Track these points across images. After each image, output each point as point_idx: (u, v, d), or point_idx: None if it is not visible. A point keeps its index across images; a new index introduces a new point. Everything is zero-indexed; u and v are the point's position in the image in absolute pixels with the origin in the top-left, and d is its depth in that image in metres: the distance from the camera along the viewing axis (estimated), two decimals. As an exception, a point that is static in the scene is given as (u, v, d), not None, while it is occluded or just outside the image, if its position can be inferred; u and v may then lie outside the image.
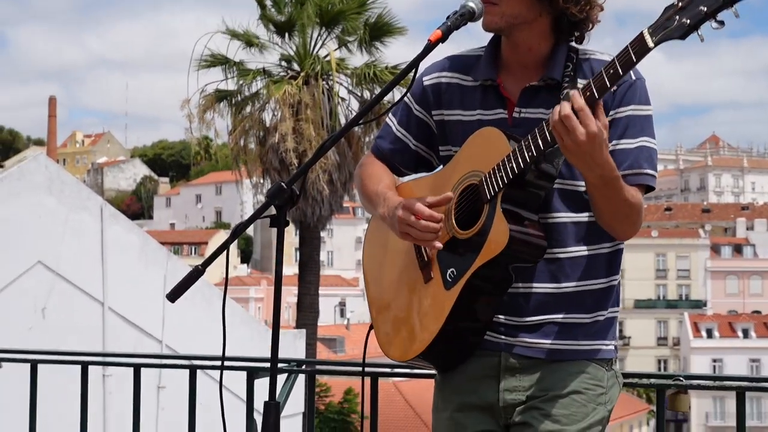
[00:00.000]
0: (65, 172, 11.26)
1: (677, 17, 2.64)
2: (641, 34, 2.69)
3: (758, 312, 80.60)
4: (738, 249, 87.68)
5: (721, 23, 2.62)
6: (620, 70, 2.72)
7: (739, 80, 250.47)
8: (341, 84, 21.30)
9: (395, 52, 22.08)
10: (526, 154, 2.86)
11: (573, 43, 3.10)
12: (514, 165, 2.88)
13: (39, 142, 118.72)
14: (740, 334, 75.07)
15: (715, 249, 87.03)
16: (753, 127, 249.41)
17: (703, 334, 75.05)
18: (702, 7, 2.61)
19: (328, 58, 21.01)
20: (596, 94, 2.75)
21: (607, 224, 2.99)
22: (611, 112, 2.97)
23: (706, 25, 2.63)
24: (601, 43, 2.71)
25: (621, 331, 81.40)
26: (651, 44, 2.67)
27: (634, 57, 2.70)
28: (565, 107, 2.74)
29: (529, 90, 3.04)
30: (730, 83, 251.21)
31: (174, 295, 2.87)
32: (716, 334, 74.89)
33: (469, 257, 2.95)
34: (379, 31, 21.02)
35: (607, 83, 2.74)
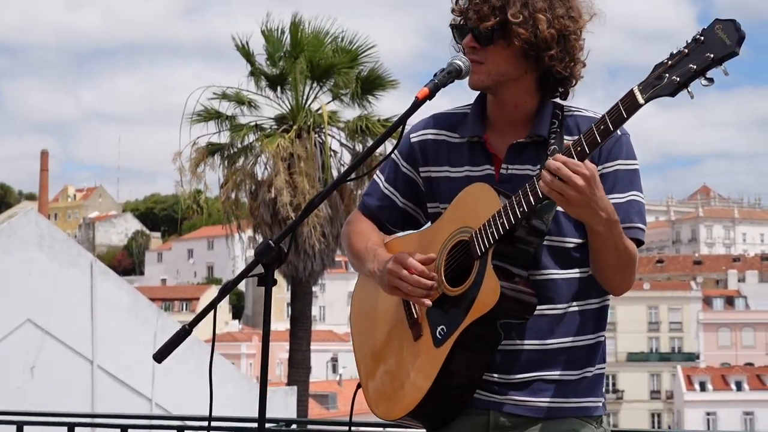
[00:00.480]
0: (56, 228, 11.24)
1: (667, 75, 2.67)
2: (631, 92, 2.71)
3: (751, 364, 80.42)
4: (730, 301, 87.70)
5: (711, 80, 2.65)
6: (611, 126, 2.74)
7: (729, 131, 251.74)
8: (333, 137, 21.35)
9: (388, 106, 22.23)
10: (517, 210, 2.86)
11: (557, 100, 3.12)
12: (505, 221, 2.88)
13: (31, 197, 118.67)
14: (733, 386, 74.87)
15: (707, 301, 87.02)
16: (743, 178, 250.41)
17: (697, 387, 74.83)
18: (691, 65, 2.64)
19: (320, 111, 21.08)
20: (587, 149, 2.78)
21: (607, 276, 3.00)
22: (599, 168, 2.98)
23: (696, 82, 2.66)
24: (593, 96, 2.75)
25: (614, 384, 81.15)
26: (641, 101, 2.70)
27: (624, 113, 2.72)
28: (553, 163, 2.77)
29: (516, 146, 3.05)
30: (721, 134, 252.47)
31: (161, 356, 2.86)
32: (709, 386, 74.68)
33: (459, 314, 2.94)
34: (371, 84, 21.10)
35: (598, 139, 2.76)
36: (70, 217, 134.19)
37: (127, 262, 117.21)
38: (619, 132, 3.00)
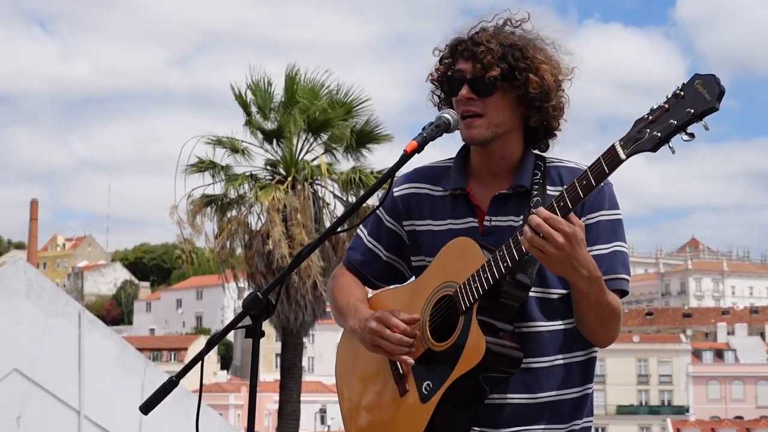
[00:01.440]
0: (44, 278, 11.19)
1: (648, 130, 2.67)
2: (613, 147, 2.71)
3: (740, 417, 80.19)
4: (719, 354, 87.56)
5: (692, 135, 2.64)
6: (593, 181, 2.74)
7: (719, 184, 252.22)
8: (326, 188, 21.41)
9: (381, 157, 22.13)
10: (501, 265, 2.86)
11: (538, 151, 3.14)
12: (489, 276, 2.88)
13: (20, 246, 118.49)
14: (724, 440, 74.57)
15: (697, 354, 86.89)
16: (732, 231, 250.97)
17: (687, 440, 74.53)
18: (672, 121, 2.63)
19: (316, 163, 21.12)
20: (570, 204, 2.77)
21: (590, 331, 2.99)
22: (582, 219, 2.98)
23: (677, 137, 2.65)
24: (583, 148, 2.74)
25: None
26: (623, 156, 2.69)
27: (606, 169, 2.72)
28: (534, 218, 2.76)
29: (499, 198, 3.06)
30: (710, 187, 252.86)
31: (147, 407, 2.85)
32: (699, 440, 74.38)
33: (445, 370, 2.93)
34: (366, 138, 21.16)
35: (581, 194, 2.76)
36: (59, 266, 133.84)
37: (115, 312, 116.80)
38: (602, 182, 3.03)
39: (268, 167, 21.57)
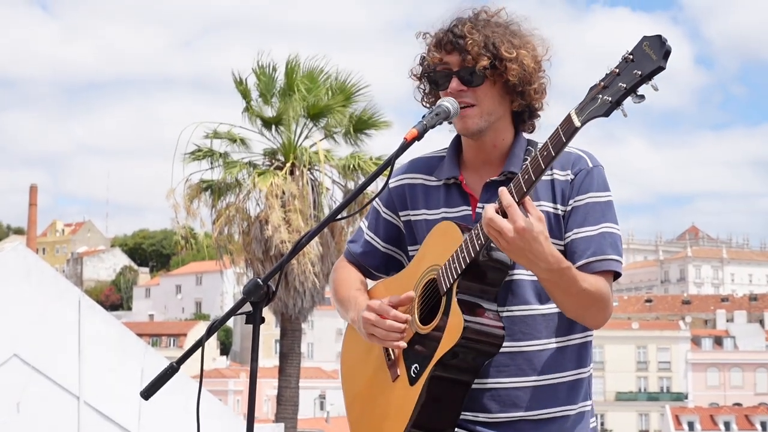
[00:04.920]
0: (43, 263, 11.21)
1: (600, 96, 2.69)
2: (568, 116, 2.74)
3: (739, 404, 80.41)
4: (718, 341, 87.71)
5: (642, 97, 2.67)
6: (552, 152, 2.74)
7: (722, 171, 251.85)
8: (325, 174, 21.42)
9: (381, 143, 22.13)
10: (476, 243, 2.88)
11: (529, 136, 3.17)
12: (466, 255, 2.90)
13: (19, 231, 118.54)
14: (722, 426, 74.75)
15: (696, 341, 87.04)
16: (734, 218, 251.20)
17: (685, 426, 74.70)
18: (622, 84, 2.66)
19: (314, 149, 21.13)
20: (533, 176, 2.77)
21: (572, 315, 2.99)
22: (570, 202, 3.02)
23: (628, 100, 2.67)
24: (587, 132, 2.74)
25: (602, 424, 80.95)
26: (578, 124, 2.71)
27: (563, 138, 2.73)
28: (488, 210, 2.77)
29: (491, 185, 3.08)
30: (714, 174, 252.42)
31: (148, 393, 2.88)
32: (698, 426, 74.55)
33: (430, 351, 2.95)
34: (364, 124, 21.18)
35: (542, 165, 2.76)
36: (58, 252, 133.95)
37: (114, 298, 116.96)
38: (591, 164, 3.06)
39: (267, 155, 21.59)
